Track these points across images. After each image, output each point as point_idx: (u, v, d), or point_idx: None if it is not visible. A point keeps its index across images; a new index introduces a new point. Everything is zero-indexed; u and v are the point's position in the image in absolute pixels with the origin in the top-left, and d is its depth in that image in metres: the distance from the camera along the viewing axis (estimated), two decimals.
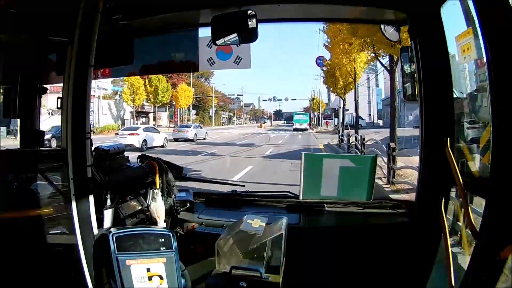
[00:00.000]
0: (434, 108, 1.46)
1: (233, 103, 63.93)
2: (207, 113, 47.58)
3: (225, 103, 60.57)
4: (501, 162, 0.92)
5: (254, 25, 1.44)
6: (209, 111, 46.89)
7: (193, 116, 42.19)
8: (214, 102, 48.96)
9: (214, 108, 47.93)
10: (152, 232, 1.12)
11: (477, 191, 1.11)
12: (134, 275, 1.03)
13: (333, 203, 1.79)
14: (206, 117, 47.54)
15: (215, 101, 49.84)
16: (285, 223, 1.29)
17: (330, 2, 1.60)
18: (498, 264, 0.88)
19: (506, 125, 0.90)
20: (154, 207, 1.41)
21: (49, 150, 1.36)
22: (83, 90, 1.20)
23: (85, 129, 1.21)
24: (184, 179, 1.86)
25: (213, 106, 47.53)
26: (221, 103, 57.53)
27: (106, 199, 1.34)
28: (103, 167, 1.39)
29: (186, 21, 1.82)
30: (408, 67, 1.65)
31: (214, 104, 48.03)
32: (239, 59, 2.29)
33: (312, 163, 1.74)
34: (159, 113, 36.44)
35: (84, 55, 1.19)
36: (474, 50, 1.27)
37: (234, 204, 1.88)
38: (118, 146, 1.53)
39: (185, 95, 33.69)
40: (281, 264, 1.24)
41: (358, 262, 1.58)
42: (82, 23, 1.19)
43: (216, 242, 1.23)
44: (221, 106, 57.44)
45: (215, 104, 49.64)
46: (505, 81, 0.89)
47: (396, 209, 1.77)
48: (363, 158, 1.77)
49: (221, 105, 57.51)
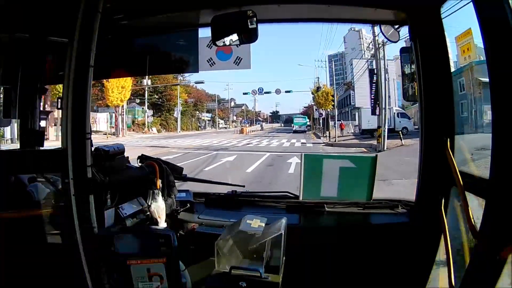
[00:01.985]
0: (434, 108, 1.46)
1: (213, 102, 52.94)
2: (173, 113, 37.73)
3: (202, 101, 48.93)
4: (501, 162, 0.92)
5: (254, 25, 1.44)
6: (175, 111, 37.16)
7: (148, 118, 33.94)
8: (181, 100, 38.31)
9: (180, 107, 37.63)
10: (152, 232, 1.13)
11: (477, 191, 1.11)
12: (134, 275, 1.03)
13: (333, 204, 1.79)
14: (171, 120, 37.95)
15: (183, 98, 39.34)
16: (285, 223, 1.29)
17: (330, 2, 1.60)
18: (498, 264, 0.87)
19: (506, 125, 0.90)
20: (154, 207, 1.41)
21: (49, 150, 1.35)
22: (83, 90, 1.20)
23: (85, 129, 1.21)
24: (184, 180, 1.86)
25: (178, 104, 36.97)
26: (198, 102, 46.68)
27: (106, 199, 1.34)
28: (103, 167, 1.39)
29: (186, 21, 1.82)
30: (408, 67, 1.65)
31: (180, 102, 37.51)
32: (239, 59, 2.29)
33: (312, 164, 1.74)
34: (96, 114, 26.01)
35: (84, 55, 1.19)
36: (474, 50, 1.27)
37: (234, 205, 1.88)
38: (118, 146, 1.53)
39: (118, 85, 21.87)
40: (281, 264, 1.24)
41: (358, 262, 1.58)
42: (82, 23, 1.19)
43: (215, 242, 1.23)
44: (196, 105, 46.58)
45: (183, 102, 39.42)
46: (505, 81, 0.89)
47: (396, 209, 1.77)
48: (363, 158, 1.76)
49: (197, 104, 46.57)
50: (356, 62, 20.66)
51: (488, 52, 0.93)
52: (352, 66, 24.23)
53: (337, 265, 1.57)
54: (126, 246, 1.05)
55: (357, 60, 20.86)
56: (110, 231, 1.07)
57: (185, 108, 41.27)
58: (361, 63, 18.80)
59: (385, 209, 1.79)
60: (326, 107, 29.45)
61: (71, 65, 1.19)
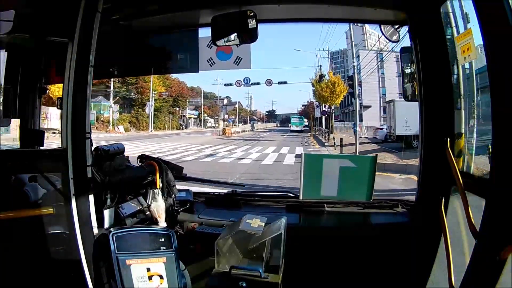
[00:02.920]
0: (434, 108, 1.46)
1: (198, 97, 46.15)
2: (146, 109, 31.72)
3: (184, 96, 41.33)
4: (501, 162, 0.92)
5: (254, 25, 1.45)
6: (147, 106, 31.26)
7: (114, 114, 28.80)
8: (154, 94, 32.07)
9: (153, 102, 31.62)
10: (152, 231, 1.13)
11: (477, 191, 1.11)
12: (134, 275, 1.03)
13: (333, 203, 1.79)
14: (144, 117, 32.10)
15: (157, 91, 33.12)
16: (284, 223, 1.29)
17: (330, 2, 1.60)
18: (498, 264, 0.87)
19: (506, 125, 0.90)
20: (155, 207, 1.41)
21: (49, 150, 1.35)
22: (83, 90, 1.20)
23: (85, 129, 1.21)
24: (184, 179, 1.86)
25: (151, 98, 31.08)
26: (180, 96, 39.43)
27: (106, 199, 1.34)
28: (103, 167, 1.39)
29: (186, 21, 1.82)
30: (408, 67, 1.65)
31: (153, 96, 31.51)
32: (239, 59, 2.29)
33: (312, 163, 1.74)
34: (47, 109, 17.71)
35: (84, 55, 1.19)
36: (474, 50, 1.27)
37: (234, 204, 1.89)
38: (118, 146, 1.53)
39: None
40: (281, 264, 1.24)
41: (358, 262, 1.58)
42: (82, 23, 1.19)
43: (215, 242, 1.23)
44: (177, 101, 39.18)
45: (157, 96, 33.14)
46: (505, 81, 0.89)
47: (396, 209, 1.77)
48: (363, 158, 1.77)
49: (177, 99, 39.13)
50: (364, 54, 17.42)
51: (488, 52, 0.93)
52: (359, 58, 20.38)
53: (337, 265, 1.57)
54: (126, 246, 1.05)
55: (366, 52, 17.19)
56: (110, 230, 1.07)
57: (161, 104, 35.18)
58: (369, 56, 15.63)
59: (385, 208, 1.79)
60: (333, 101, 21.89)
61: (71, 65, 1.19)
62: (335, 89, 21.24)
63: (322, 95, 22.33)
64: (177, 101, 39.45)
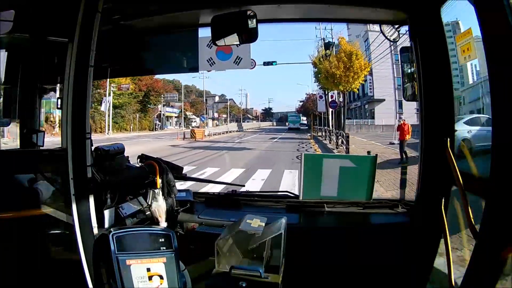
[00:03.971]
0: (434, 108, 1.46)
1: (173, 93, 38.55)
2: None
3: (158, 91, 34.26)
4: (501, 162, 0.92)
5: (254, 25, 1.44)
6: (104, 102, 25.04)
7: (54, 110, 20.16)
8: (113, 87, 26.53)
9: (110, 98, 25.78)
10: (152, 232, 1.13)
11: (477, 191, 1.11)
12: (134, 275, 1.03)
13: (333, 203, 1.79)
14: (101, 115, 26.25)
15: (117, 83, 26.88)
16: (285, 223, 1.29)
17: (330, 2, 1.60)
18: (498, 264, 0.87)
19: (506, 125, 0.90)
20: (155, 207, 1.41)
21: (49, 150, 1.36)
22: (83, 90, 1.20)
23: (85, 129, 1.21)
24: (184, 179, 1.86)
25: (107, 92, 25.40)
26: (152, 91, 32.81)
27: (106, 199, 1.34)
28: (103, 167, 1.39)
29: (186, 21, 1.82)
30: (408, 67, 1.65)
31: (111, 89, 26.01)
32: (239, 59, 2.30)
33: (312, 163, 1.74)
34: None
35: (84, 55, 1.19)
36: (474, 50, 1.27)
37: (234, 204, 1.88)
38: (118, 146, 1.53)
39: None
40: (281, 264, 1.24)
41: (358, 262, 1.58)
42: (82, 23, 1.19)
43: (215, 242, 1.23)
44: (148, 96, 32.80)
45: (116, 90, 27.05)
46: (505, 81, 0.89)
47: (396, 209, 1.77)
48: (363, 158, 1.76)
49: (149, 94, 32.70)
50: (373, 36, 12.44)
51: (488, 52, 0.93)
52: (368, 42, 16.14)
53: (337, 265, 1.57)
54: (126, 246, 1.05)
55: (376, 34, 12.07)
56: (110, 231, 1.07)
57: (126, 100, 29.06)
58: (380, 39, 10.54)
59: (385, 209, 1.79)
60: (349, 85, 13.52)
61: (71, 65, 1.19)
62: (353, 64, 13.48)
63: (331, 74, 13.97)
64: (149, 96, 32.96)
